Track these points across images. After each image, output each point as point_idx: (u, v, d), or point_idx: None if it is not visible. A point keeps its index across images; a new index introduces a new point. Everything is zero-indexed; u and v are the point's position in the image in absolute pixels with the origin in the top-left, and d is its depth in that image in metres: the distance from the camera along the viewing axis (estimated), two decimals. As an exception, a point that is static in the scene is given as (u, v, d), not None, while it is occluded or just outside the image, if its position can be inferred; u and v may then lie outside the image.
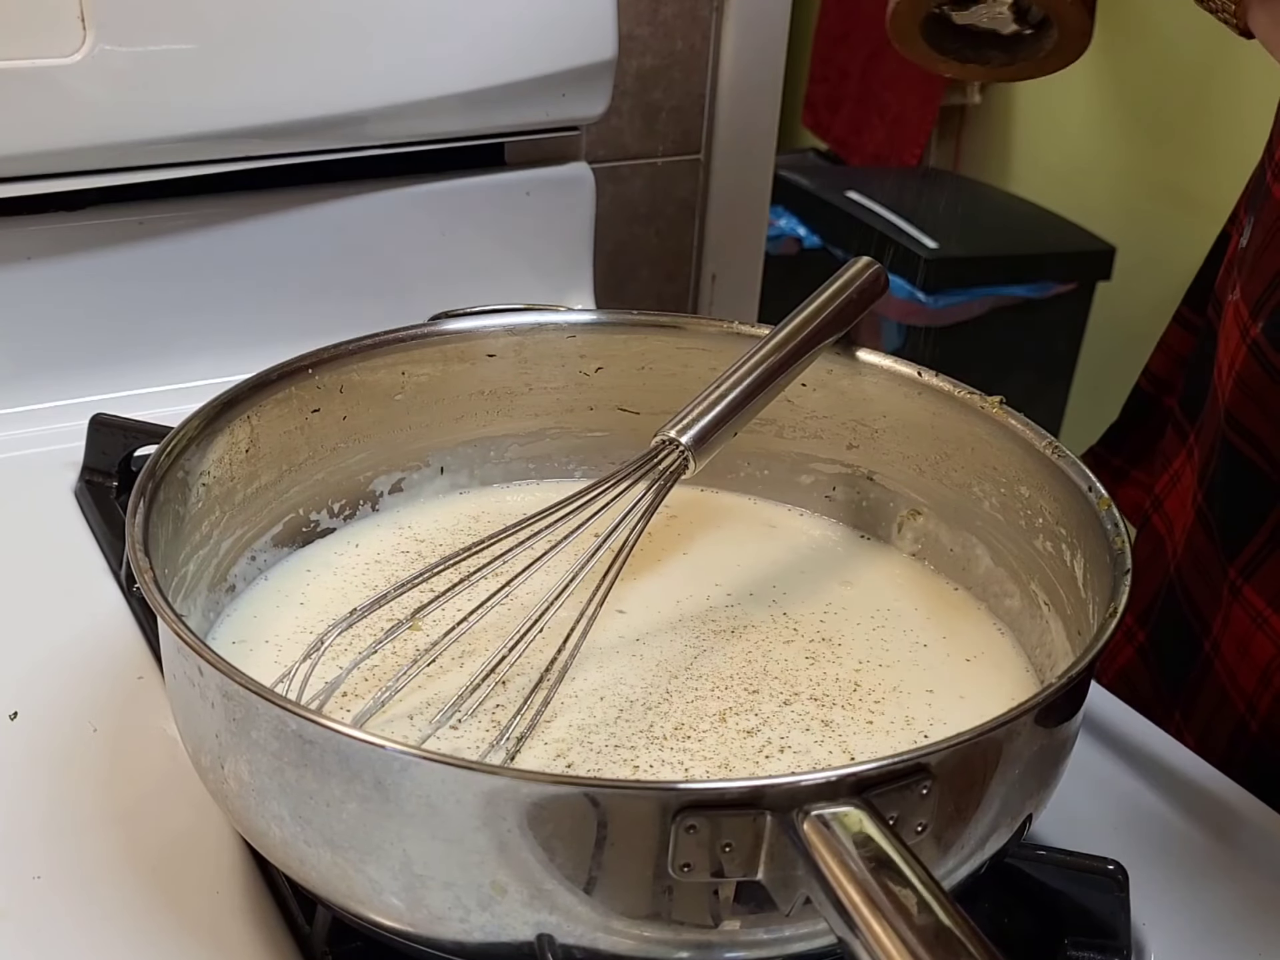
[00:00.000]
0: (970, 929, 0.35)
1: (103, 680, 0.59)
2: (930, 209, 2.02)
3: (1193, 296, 0.74)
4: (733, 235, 1.10)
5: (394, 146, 0.84)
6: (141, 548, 0.46)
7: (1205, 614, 0.65)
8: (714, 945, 0.41)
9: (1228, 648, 0.64)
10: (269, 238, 0.84)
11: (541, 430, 0.65)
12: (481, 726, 0.49)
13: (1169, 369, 0.76)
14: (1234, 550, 0.63)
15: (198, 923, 0.48)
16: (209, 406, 0.55)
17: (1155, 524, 0.72)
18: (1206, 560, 0.65)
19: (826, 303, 0.59)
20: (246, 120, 0.78)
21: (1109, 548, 0.49)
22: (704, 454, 0.54)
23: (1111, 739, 0.60)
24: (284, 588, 0.58)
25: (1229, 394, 0.64)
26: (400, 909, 0.41)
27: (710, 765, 0.48)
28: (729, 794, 0.37)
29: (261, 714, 0.40)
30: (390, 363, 0.61)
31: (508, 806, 0.38)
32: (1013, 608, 0.57)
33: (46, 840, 0.51)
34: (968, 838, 0.42)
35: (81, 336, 0.80)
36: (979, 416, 0.58)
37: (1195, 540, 0.67)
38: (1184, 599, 0.67)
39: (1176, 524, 0.69)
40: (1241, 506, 0.64)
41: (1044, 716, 0.43)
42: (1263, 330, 0.61)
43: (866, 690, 0.53)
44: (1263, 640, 0.62)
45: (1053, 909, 0.49)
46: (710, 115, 1.05)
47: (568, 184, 0.92)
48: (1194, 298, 0.74)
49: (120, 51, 0.73)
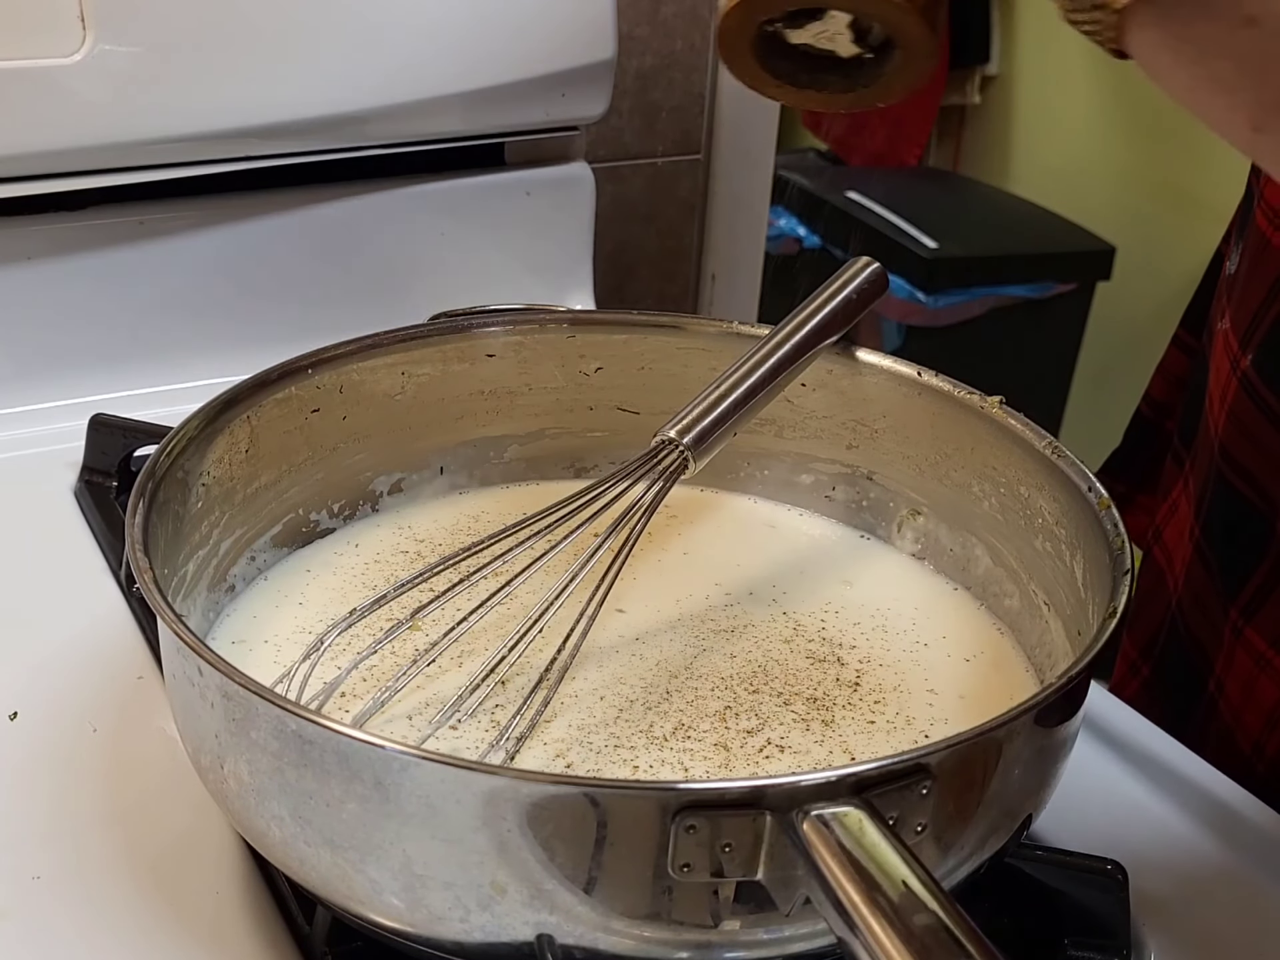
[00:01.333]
0: (970, 929, 0.35)
1: (103, 680, 0.59)
2: (930, 209, 2.02)
3: (1189, 318, 0.72)
4: (733, 235, 1.10)
5: (394, 146, 0.84)
6: (141, 548, 0.46)
7: (1208, 652, 0.64)
8: (714, 945, 0.41)
9: (1232, 689, 0.63)
10: (269, 238, 0.84)
11: (541, 430, 0.65)
12: (481, 727, 0.49)
13: (1168, 393, 0.74)
14: (1234, 590, 0.62)
15: (198, 923, 0.48)
16: (209, 406, 0.55)
17: (1156, 555, 0.71)
18: (1206, 597, 0.64)
19: (826, 302, 0.59)
20: (246, 120, 0.78)
21: (1109, 548, 0.49)
22: (704, 454, 0.54)
23: (1111, 739, 0.60)
24: (284, 588, 0.58)
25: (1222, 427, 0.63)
26: (400, 909, 0.41)
27: (710, 765, 0.48)
28: (729, 794, 0.37)
29: (261, 714, 0.40)
30: (390, 363, 0.61)
31: (507, 806, 0.38)
32: (1013, 608, 0.57)
33: (46, 840, 0.51)
34: (968, 838, 0.42)
35: (81, 336, 0.80)
36: (979, 416, 0.58)
37: (1194, 576, 0.66)
38: (1186, 636, 0.66)
39: (1175, 556, 0.68)
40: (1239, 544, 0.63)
41: (1043, 717, 0.43)
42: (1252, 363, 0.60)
43: (867, 690, 0.53)
44: (1266, 683, 0.61)
45: (1053, 909, 0.49)
46: (710, 115, 1.05)
47: (568, 184, 0.92)
48: (1190, 319, 0.72)
49: (120, 51, 0.73)
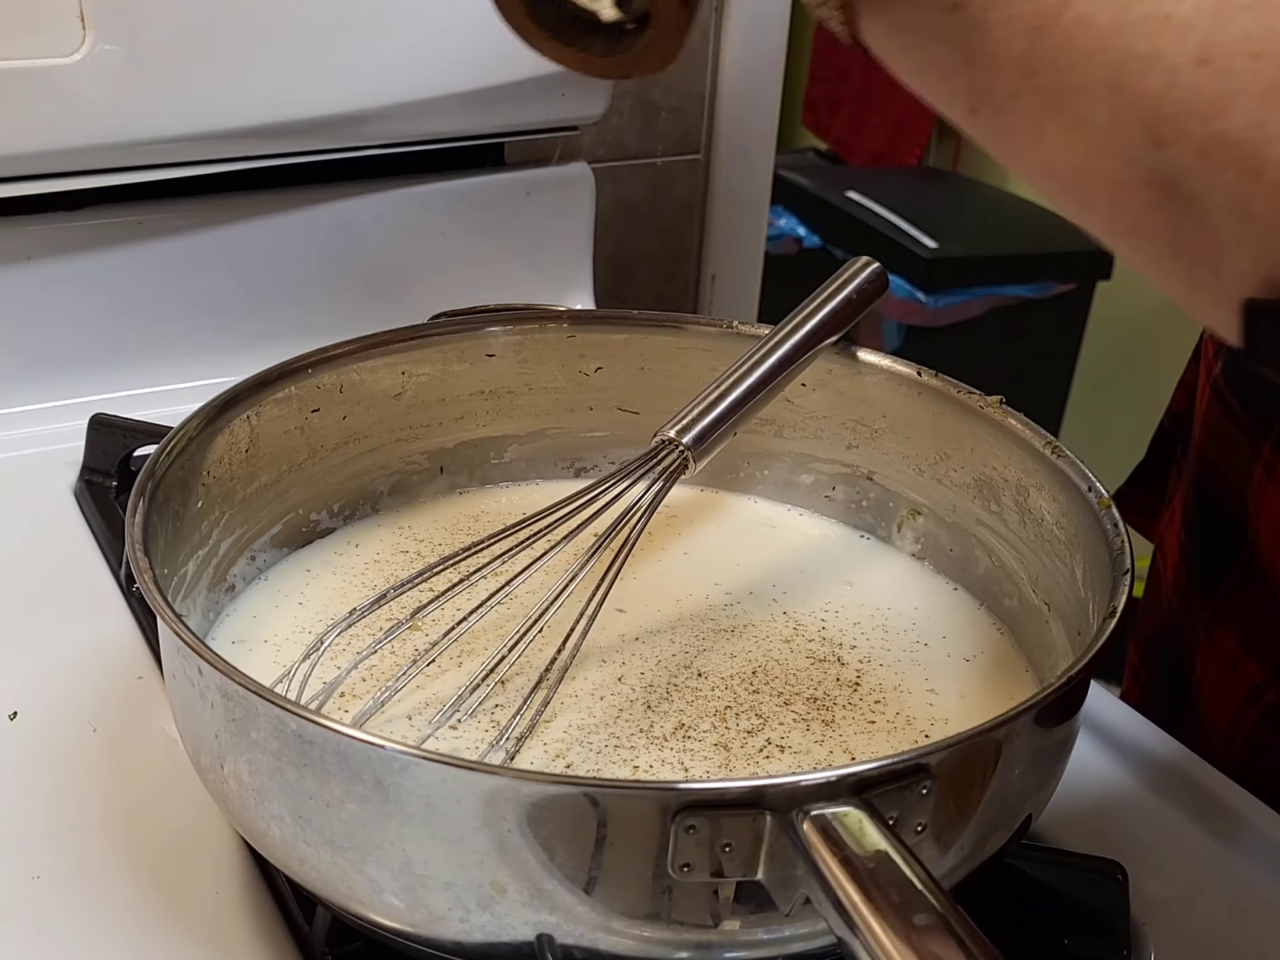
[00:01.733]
0: (970, 929, 0.35)
1: (103, 680, 0.59)
2: (930, 209, 2.02)
3: None
4: (733, 235, 1.10)
5: (394, 146, 0.84)
6: (141, 548, 0.46)
7: (1191, 652, 0.65)
8: (714, 945, 0.40)
9: (1206, 689, 0.63)
10: (269, 238, 0.84)
11: (541, 430, 0.65)
12: (481, 727, 0.49)
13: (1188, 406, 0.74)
14: (1208, 591, 0.63)
15: (198, 923, 0.48)
16: (209, 406, 0.55)
17: (1157, 562, 0.72)
18: (1189, 598, 0.65)
19: (826, 302, 0.59)
20: (246, 120, 0.78)
21: (1109, 548, 0.49)
22: (704, 454, 0.54)
23: (1111, 739, 0.60)
24: (283, 588, 0.58)
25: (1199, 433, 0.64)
26: (400, 909, 0.41)
27: (710, 765, 0.48)
28: (729, 794, 0.37)
29: (261, 714, 0.40)
30: (390, 363, 0.61)
31: (507, 806, 0.38)
32: (1013, 608, 0.57)
33: (46, 840, 0.51)
34: (968, 838, 0.42)
35: (81, 336, 0.80)
36: (979, 416, 0.58)
37: (1181, 579, 0.66)
38: (1175, 639, 0.67)
39: (1169, 562, 0.69)
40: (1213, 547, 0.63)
41: (1043, 716, 0.43)
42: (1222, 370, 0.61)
43: (867, 690, 0.53)
44: (1235, 682, 0.61)
45: (1053, 909, 0.49)
46: (710, 115, 1.05)
47: (568, 184, 0.92)
48: None
49: (120, 51, 0.73)
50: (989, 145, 0.37)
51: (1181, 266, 0.35)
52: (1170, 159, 0.33)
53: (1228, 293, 0.34)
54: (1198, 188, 0.33)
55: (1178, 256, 0.35)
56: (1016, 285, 1.94)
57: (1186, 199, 0.33)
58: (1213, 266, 0.34)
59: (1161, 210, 0.34)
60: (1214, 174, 0.32)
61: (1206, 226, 0.33)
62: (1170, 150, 0.32)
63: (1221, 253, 0.33)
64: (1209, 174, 0.32)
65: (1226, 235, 0.33)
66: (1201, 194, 0.33)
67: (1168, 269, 0.35)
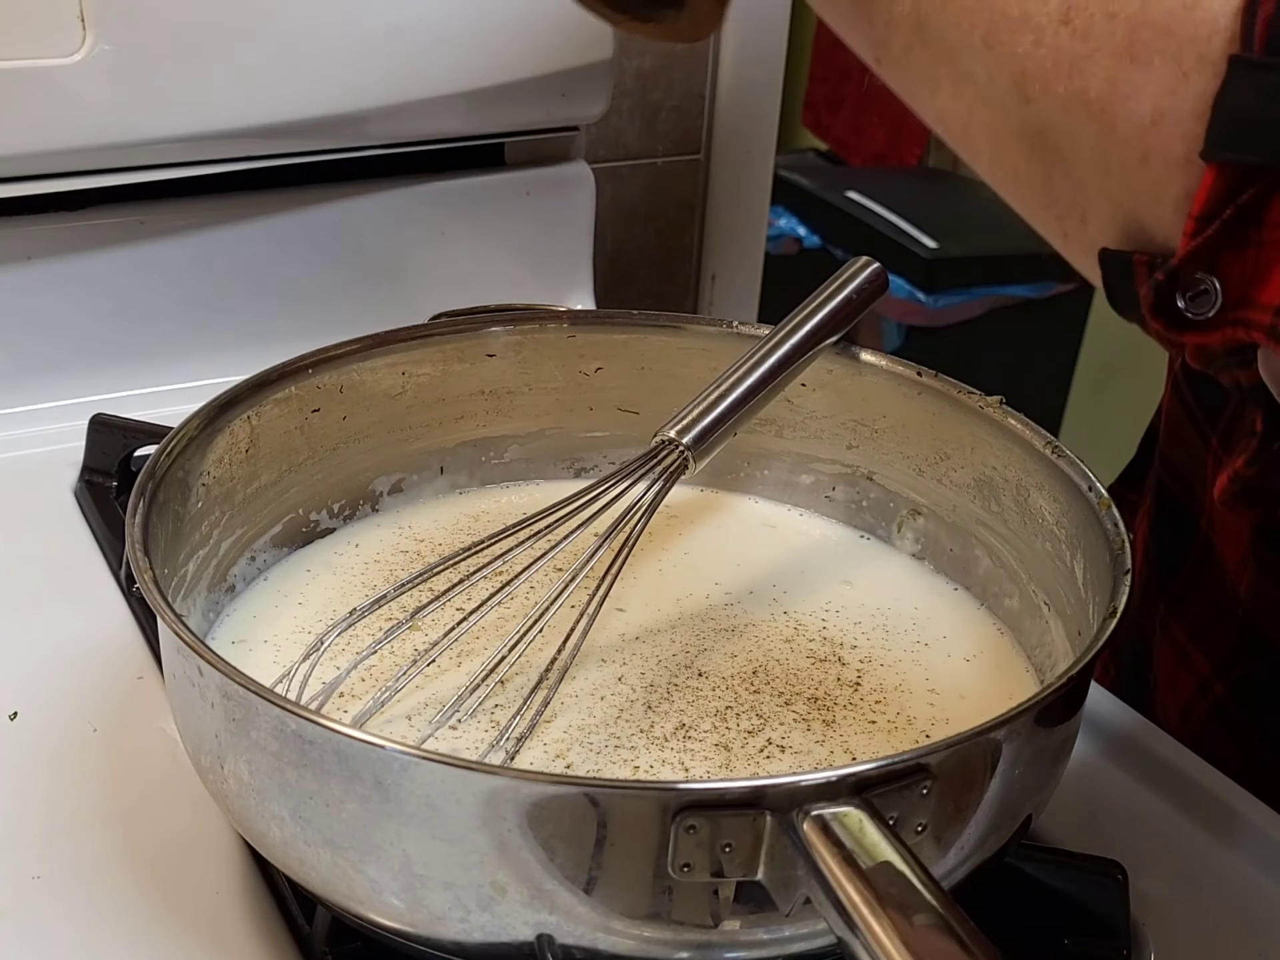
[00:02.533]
0: (970, 928, 0.35)
1: (103, 680, 0.59)
2: (930, 209, 2.02)
3: None
4: (733, 235, 1.10)
5: (394, 146, 0.84)
6: (141, 548, 0.46)
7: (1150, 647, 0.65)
8: (714, 945, 0.40)
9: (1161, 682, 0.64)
10: (269, 238, 0.84)
11: (541, 430, 0.65)
12: (481, 727, 0.49)
13: None
14: (1165, 583, 0.63)
15: (198, 923, 0.48)
16: (209, 406, 0.55)
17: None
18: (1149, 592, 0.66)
19: (826, 302, 0.59)
20: (247, 120, 0.78)
21: (1109, 548, 0.49)
22: (704, 454, 0.54)
23: (1111, 739, 0.60)
24: (284, 588, 0.58)
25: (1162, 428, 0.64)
26: (400, 909, 0.41)
27: (711, 765, 0.48)
28: (729, 794, 0.37)
29: (261, 714, 0.40)
30: (390, 363, 0.61)
31: (508, 806, 0.38)
32: (1013, 608, 0.57)
33: (46, 840, 0.51)
34: (968, 837, 0.42)
35: (82, 337, 0.80)
36: (979, 416, 0.58)
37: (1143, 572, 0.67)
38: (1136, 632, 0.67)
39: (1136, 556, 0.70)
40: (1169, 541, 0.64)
41: (1044, 716, 0.43)
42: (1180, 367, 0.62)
43: (867, 690, 0.53)
44: (1185, 677, 0.62)
45: (1053, 909, 0.49)
46: (710, 115, 1.05)
47: (568, 184, 0.92)
48: None
49: (120, 51, 0.73)
50: (898, 92, 0.40)
51: (1054, 216, 0.36)
52: (1037, 114, 0.34)
53: (1094, 242, 0.35)
54: (1063, 142, 0.34)
55: (1050, 206, 0.36)
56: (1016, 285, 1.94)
57: (1055, 151, 0.34)
58: (1080, 216, 0.35)
59: (1034, 162, 0.35)
60: (1076, 129, 0.33)
61: (1073, 178, 0.35)
62: (1037, 105, 0.34)
63: (1087, 203, 0.35)
64: (1072, 129, 0.34)
65: (1090, 187, 0.34)
66: (1066, 148, 0.34)
67: (1043, 218, 0.37)
